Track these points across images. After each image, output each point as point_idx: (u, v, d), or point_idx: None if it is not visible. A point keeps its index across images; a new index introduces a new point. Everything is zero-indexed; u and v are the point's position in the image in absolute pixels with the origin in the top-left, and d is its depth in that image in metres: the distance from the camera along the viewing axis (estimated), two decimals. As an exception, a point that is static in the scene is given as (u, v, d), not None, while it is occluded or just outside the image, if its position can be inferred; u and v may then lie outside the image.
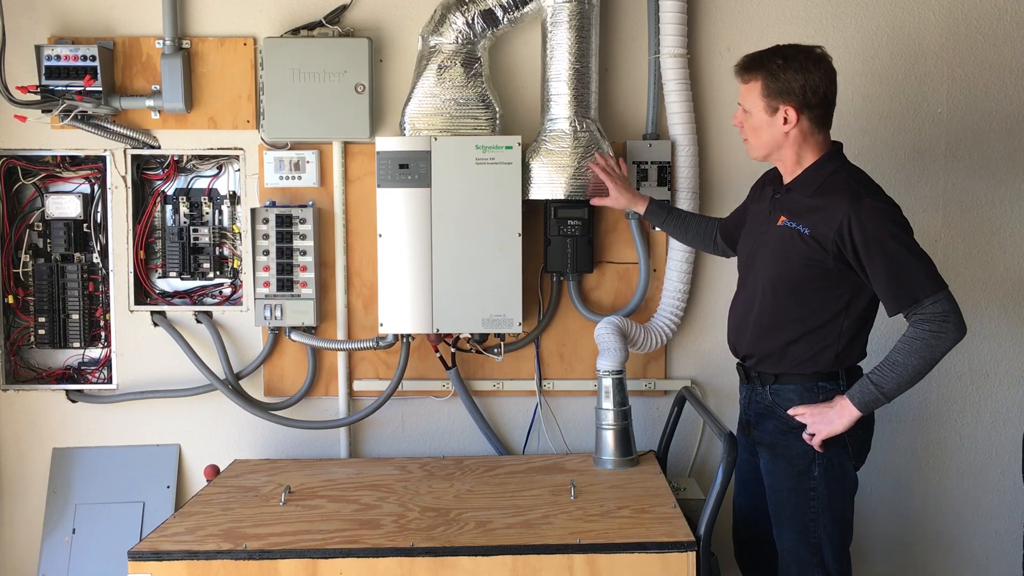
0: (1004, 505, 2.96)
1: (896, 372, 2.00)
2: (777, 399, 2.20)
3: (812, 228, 2.06)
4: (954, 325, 1.97)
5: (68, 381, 2.92)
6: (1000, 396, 2.95)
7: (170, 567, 2.07)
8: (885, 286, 2.00)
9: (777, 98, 2.08)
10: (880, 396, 2.02)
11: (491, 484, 2.52)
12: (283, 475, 2.63)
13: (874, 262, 1.99)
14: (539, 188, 2.72)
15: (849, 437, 2.12)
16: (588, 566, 2.06)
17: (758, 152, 2.18)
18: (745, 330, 2.26)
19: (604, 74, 2.84)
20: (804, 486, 2.16)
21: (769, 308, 2.18)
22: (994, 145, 2.90)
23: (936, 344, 1.97)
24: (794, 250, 2.10)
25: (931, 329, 1.97)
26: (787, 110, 2.08)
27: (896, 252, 1.98)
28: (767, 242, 2.19)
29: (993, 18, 2.87)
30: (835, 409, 2.08)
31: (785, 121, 2.08)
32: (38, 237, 2.91)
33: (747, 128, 2.17)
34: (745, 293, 2.28)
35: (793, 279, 2.12)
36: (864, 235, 1.99)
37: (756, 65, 2.10)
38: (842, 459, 2.15)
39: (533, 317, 2.89)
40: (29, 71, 2.73)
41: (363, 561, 2.06)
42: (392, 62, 2.86)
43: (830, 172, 2.10)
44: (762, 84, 2.09)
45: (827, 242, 2.04)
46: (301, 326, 2.84)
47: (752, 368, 2.26)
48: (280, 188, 2.85)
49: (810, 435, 2.11)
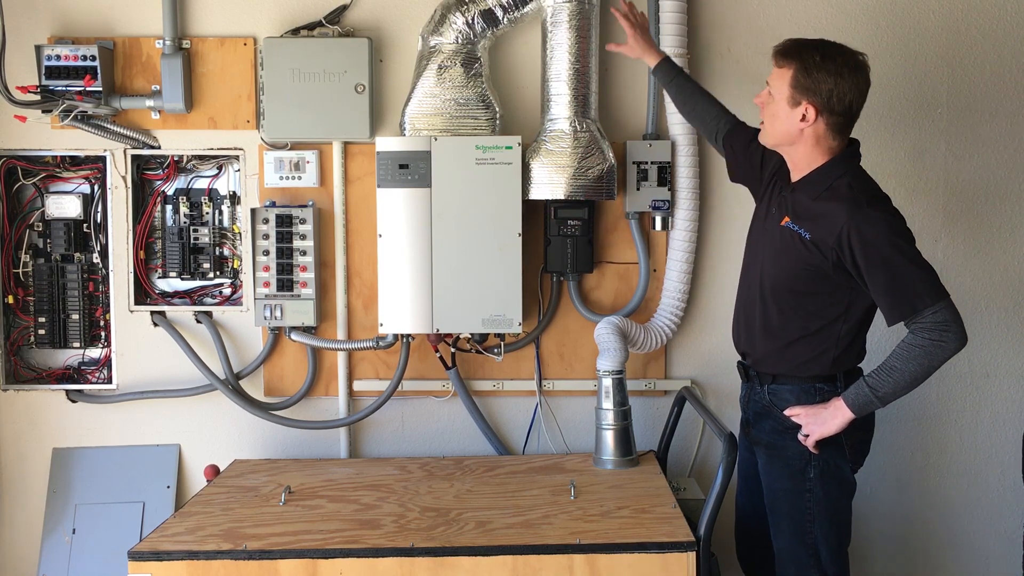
0: (1004, 505, 2.96)
1: (893, 377, 1.99)
2: (775, 399, 2.20)
3: (813, 233, 2.05)
4: (954, 335, 1.94)
5: (68, 381, 2.92)
6: (1000, 396, 2.95)
7: (170, 567, 2.07)
8: (884, 296, 1.98)
9: (802, 93, 2.03)
10: (874, 400, 2.01)
11: (491, 484, 2.52)
12: (283, 475, 2.63)
13: (873, 272, 1.97)
14: (539, 188, 2.72)
15: (846, 439, 2.11)
16: (588, 566, 2.06)
17: (770, 139, 2.15)
18: (744, 328, 2.26)
19: (604, 74, 2.84)
20: (800, 487, 2.15)
21: (768, 310, 2.17)
22: (994, 145, 2.90)
23: (935, 353, 1.95)
24: (795, 253, 2.08)
25: (931, 338, 1.95)
26: (808, 108, 2.03)
27: (896, 262, 1.96)
28: (771, 241, 2.18)
29: (993, 18, 2.87)
30: (829, 410, 2.07)
31: (803, 118, 2.04)
32: (38, 237, 2.91)
33: (767, 112, 2.12)
34: (747, 291, 2.28)
35: (792, 282, 2.12)
36: (864, 244, 1.97)
37: (793, 53, 2.05)
38: (838, 461, 2.14)
39: (533, 317, 2.89)
40: (29, 71, 2.73)
41: (363, 561, 2.06)
42: (392, 62, 2.86)
43: (836, 177, 2.07)
44: (793, 75, 2.04)
45: (827, 249, 2.02)
46: (301, 326, 2.84)
47: (751, 367, 2.26)
48: (280, 188, 2.85)
49: (804, 436, 2.11)
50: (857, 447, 2.17)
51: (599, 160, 2.71)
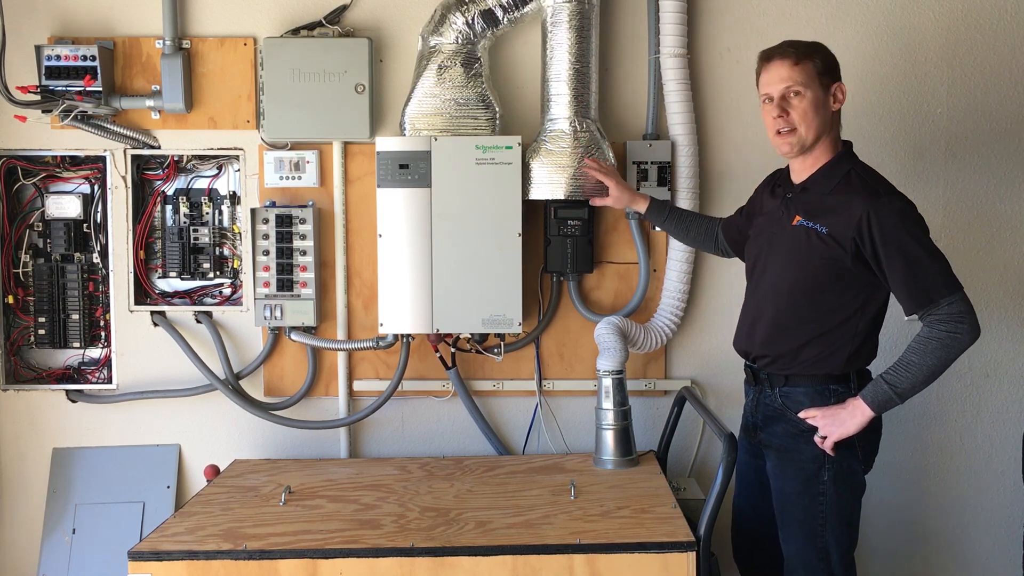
0: (1004, 505, 2.96)
1: (911, 372, 1.99)
2: (787, 402, 2.18)
3: (830, 227, 2.06)
4: (969, 326, 1.96)
5: (68, 381, 2.92)
6: (1000, 396, 2.95)
7: (170, 567, 2.07)
8: (902, 285, 2.00)
9: (830, 76, 2.11)
10: (894, 396, 2.01)
11: (491, 484, 2.52)
12: (283, 475, 2.63)
13: (892, 261, 1.99)
14: (539, 188, 2.72)
15: (859, 440, 2.10)
16: (588, 566, 2.06)
17: (811, 136, 2.10)
18: (757, 332, 2.23)
19: (604, 74, 2.84)
20: (813, 490, 2.14)
21: (784, 309, 2.16)
22: (994, 145, 2.89)
23: (952, 345, 1.96)
24: (811, 250, 2.09)
25: (947, 330, 1.96)
26: (838, 87, 2.11)
27: (914, 251, 1.98)
28: (781, 243, 2.18)
29: (993, 18, 2.87)
30: (847, 410, 2.06)
31: (835, 99, 2.11)
32: (38, 237, 2.91)
33: (797, 114, 2.09)
34: (757, 297, 2.26)
35: (809, 280, 2.11)
36: (883, 233, 1.99)
37: (807, 47, 2.11)
38: (852, 463, 2.13)
39: (533, 317, 2.89)
40: (29, 71, 2.73)
41: (363, 561, 2.07)
42: (392, 62, 2.86)
43: (845, 171, 2.10)
44: (819, 62, 2.09)
45: (846, 241, 2.03)
46: (301, 326, 2.84)
47: (762, 369, 2.24)
48: (280, 188, 2.85)
49: (821, 438, 2.09)
50: (868, 449, 2.16)
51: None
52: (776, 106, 2.11)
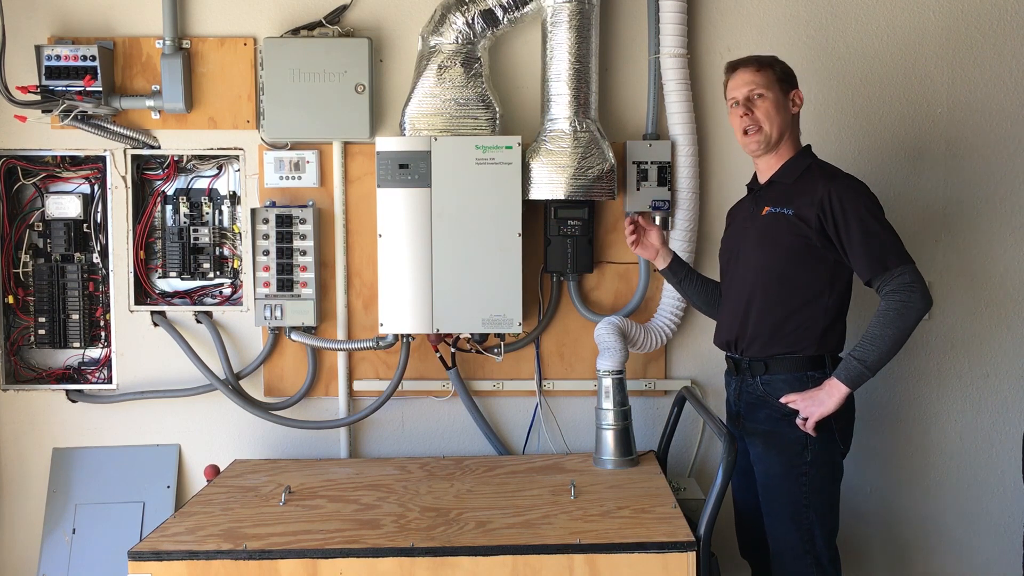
0: (1004, 505, 2.96)
1: (875, 344, 2.13)
2: (768, 388, 2.28)
3: (796, 209, 2.24)
4: (920, 295, 2.12)
5: (68, 381, 2.92)
6: (1000, 396, 2.95)
7: (170, 567, 2.07)
8: (860, 252, 2.16)
9: (788, 83, 2.32)
10: (865, 370, 2.14)
11: (491, 484, 2.52)
12: (283, 475, 2.63)
13: (850, 231, 2.17)
14: (539, 188, 2.72)
15: (836, 423, 2.22)
16: (588, 566, 2.06)
17: (775, 133, 2.29)
18: (736, 318, 2.34)
19: (604, 74, 2.84)
20: (796, 471, 2.24)
21: (760, 289, 2.30)
22: (994, 145, 2.89)
23: (906, 313, 2.11)
24: (780, 232, 2.25)
25: (901, 299, 2.12)
26: (796, 93, 2.33)
27: (869, 223, 2.17)
28: (753, 232, 2.34)
29: (993, 18, 2.87)
30: (824, 391, 2.18)
31: (793, 103, 2.32)
32: (38, 237, 2.91)
33: (760, 113, 2.28)
34: (734, 287, 2.38)
35: (781, 259, 2.26)
36: (843, 207, 2.18)
37: (767, 58, 2.34)
38: (831, 446, 2.25)
39: (533, 317, 2.89)
40: (29, 71, 2.73)
41: (363, 561, 2.06)
42: (392, 62, 2.86)
43: (807, 165, 2.31)
44: (778, 70, 2.31)
45: (810, 218, 2.21)
46: (301, 326, 2.84)
47: (742, 355, 2.34)
48: (280, 188, 2.85)
49: (803, 420, 2.19)
50: (845, 431, 2.29)
51: (599, 160, 2.71)
52: (742, 106, 2.30)
